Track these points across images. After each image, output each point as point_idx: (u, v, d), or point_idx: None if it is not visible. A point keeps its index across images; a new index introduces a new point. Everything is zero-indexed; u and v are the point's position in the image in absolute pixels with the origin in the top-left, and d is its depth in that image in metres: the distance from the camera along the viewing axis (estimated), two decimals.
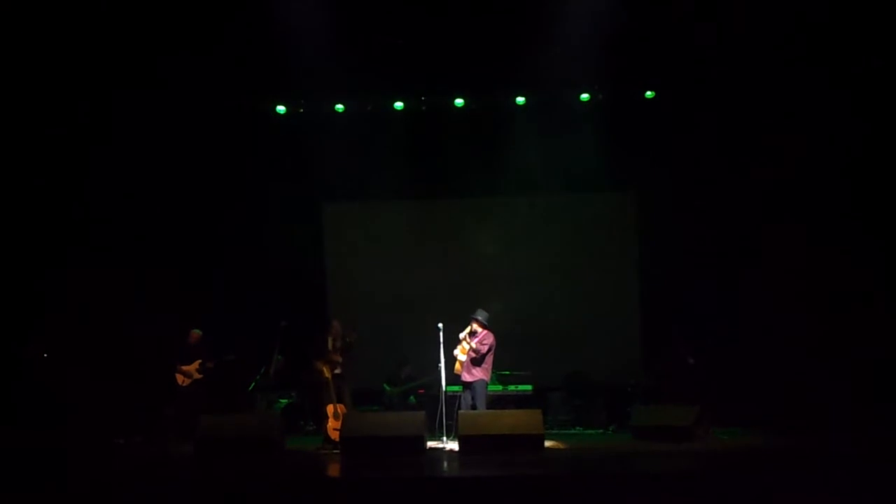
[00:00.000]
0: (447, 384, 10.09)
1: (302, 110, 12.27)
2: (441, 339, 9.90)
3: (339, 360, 10.24)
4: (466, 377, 10.09)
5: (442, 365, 9.97)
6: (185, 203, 12.24)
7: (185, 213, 12.27)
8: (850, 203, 11.10)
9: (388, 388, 11.82)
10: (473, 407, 9.99)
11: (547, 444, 9.40)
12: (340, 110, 12.16)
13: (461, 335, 10.10)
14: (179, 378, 10.89)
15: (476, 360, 10.02)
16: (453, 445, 9.54)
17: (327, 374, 10.36)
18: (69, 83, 11.13)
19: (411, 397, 11.80)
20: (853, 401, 10.05)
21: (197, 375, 10.92)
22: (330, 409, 10.24)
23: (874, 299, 10.80)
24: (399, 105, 12.13)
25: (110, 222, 11.98)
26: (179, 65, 10.94)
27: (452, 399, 10.25)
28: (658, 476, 7.54)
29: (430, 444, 9.64)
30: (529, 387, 11.37)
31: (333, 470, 8.62)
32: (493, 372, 10.36)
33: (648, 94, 11.85)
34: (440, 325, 9.88)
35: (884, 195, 10.97)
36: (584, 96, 11.93)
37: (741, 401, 10.71)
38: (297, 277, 12.62)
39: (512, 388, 11.35)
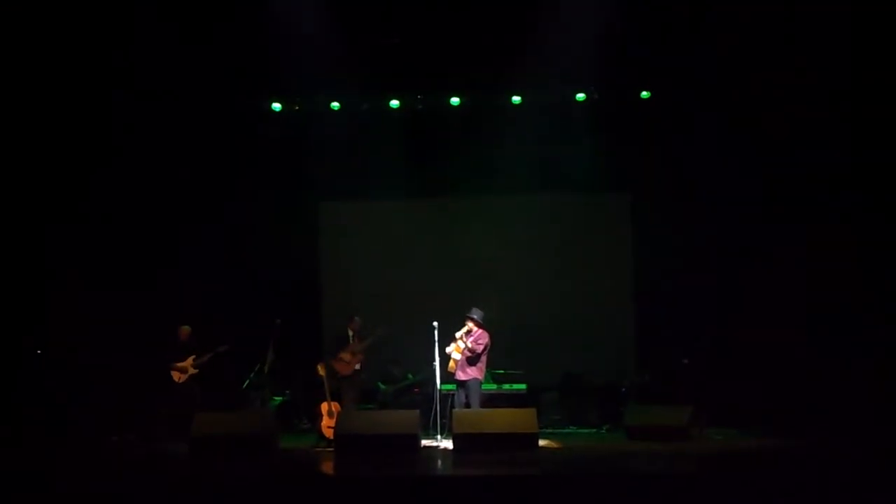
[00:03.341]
0: (441, 382, 10.10)
1: (297, 108, 12.24)
2: (436, 338, 9.90)
3: (361, 353, 10.85)
4: (461, 375, 10.08)
5: (437, 363, 9.97)
6: (179, 201, 12.20)
7: (179, 211, 12.22)
8: (848, 204, 11.09)
9: (382, 386, 11.81)
10: (467, 405, 9.99)
11: (541, 443, 9.40)
12: (336, 108, 12.12)
13: (457, 334, 10.09)
14: (176, 375, 10.84)
15: (471, 359, 10.01)
16: (447, 444, 9.55)
17: (321, 372, 10.42)
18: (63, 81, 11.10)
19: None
20: (851, 401, 10.05)
21: (193, 371, 10.89)
22: (324, 407, 10.26)
23: (873, 300, 10.80)
24: (395, 103, 12.10)
25: (104, 221, 11.93)
26: (173, 61, 10.90)
27: (446, 397, 10.25)
28: (652, 476, 7.54)
29: (424, 442, 9.64)
30: (524, 386, 11.34)
31: (327, 468, 8.62)
32: (487, 371, 10.35)
33: (644, 94, 11.84)
34: (435, 323, 9.88)
35: (884, 197, 10.95)
36: (581, 96, 11.91)
37: (736, 401, 10.72)
38: (291, 276, 12.62)
39: (506, 386, 11.32)
